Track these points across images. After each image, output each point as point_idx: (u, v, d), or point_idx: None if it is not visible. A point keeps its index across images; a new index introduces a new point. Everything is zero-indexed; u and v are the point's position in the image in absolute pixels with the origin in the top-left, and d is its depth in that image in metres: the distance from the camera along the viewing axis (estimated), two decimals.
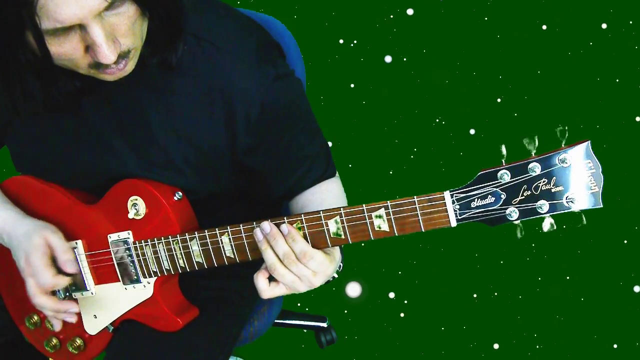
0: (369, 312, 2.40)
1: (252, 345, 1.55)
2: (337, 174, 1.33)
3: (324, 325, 1.77)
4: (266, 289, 1.08)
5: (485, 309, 2.41)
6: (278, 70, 1.15)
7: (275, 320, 1.63)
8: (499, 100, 2.55)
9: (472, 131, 2.53)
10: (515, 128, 2.50)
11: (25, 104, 1.06)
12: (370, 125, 2.56)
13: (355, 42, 2.59)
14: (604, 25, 2.55)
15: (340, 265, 1.16)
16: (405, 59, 2.58)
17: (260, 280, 1.08)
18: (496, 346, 2.36)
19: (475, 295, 2.42)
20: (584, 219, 0.94)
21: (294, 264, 1.05)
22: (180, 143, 1.16)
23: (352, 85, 2.58)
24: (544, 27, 2.57)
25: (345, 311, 2.39)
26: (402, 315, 2.40)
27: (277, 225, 1.06)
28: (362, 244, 2.44)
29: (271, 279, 1.08)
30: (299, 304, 2.37)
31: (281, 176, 1.25)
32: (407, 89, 2.57)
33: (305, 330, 1.83)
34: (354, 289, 2.42)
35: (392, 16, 2.60)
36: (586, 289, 2.43)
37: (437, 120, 2.56)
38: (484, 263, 2.45)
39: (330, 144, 1.30)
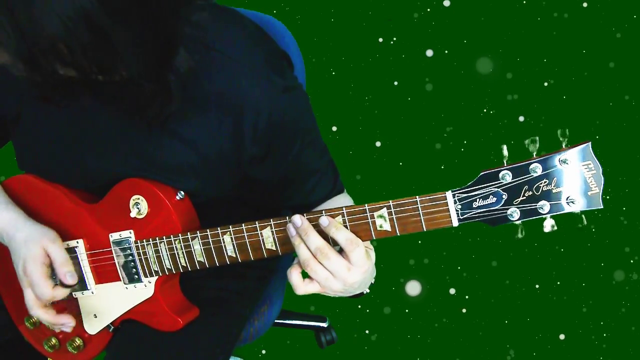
0: (430, 310, 2.38)
1: (252, 345, 1.56)
2: (345, 191, 1.32)
3: (324, 325, 1.76)
4: (300, 285, 1.04)
5: (549, 299, 2.35)
6: (286, 82, 1.14)
7: (275, 320, 1.62)
8: (545, 84, 2.48)
9: (521, 118, 2.48)
10: (564, 111, 2.43)
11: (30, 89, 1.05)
12: (418, 122, 2.53)
13: (394, 39, 2.57)
14: None
15: (371, 282, 1.13)
16: (446, 51, 2.55)
17: (294, 275, 1.04)
18: (562, 337, 2.30)
19: (537, 286, 2.37)
20: (584, 219, 0.94)
21: (326, 258, 1.01)
22: (185, 149, 1.16)
23: (396, 83, 2.56)
24: (585, 4, 2.49)
25: (407, 310, 2.38)
26: (464, 311, 2.37)
27: (312, 219, 1.03)
28: (419, 241, 2.43)
29: (305, 274, 1.05)
30: (359, 306, 2.38)
31: (289, 190, 1.25)
32: (452, 82, 2.54)
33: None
34: (413, 288, 2.41)
35: (429, 9, 2.57)
36: None
37: (485, 110, 2.51)
38: (544, 252, 2.39)
39: (378, 144, 1.28)
